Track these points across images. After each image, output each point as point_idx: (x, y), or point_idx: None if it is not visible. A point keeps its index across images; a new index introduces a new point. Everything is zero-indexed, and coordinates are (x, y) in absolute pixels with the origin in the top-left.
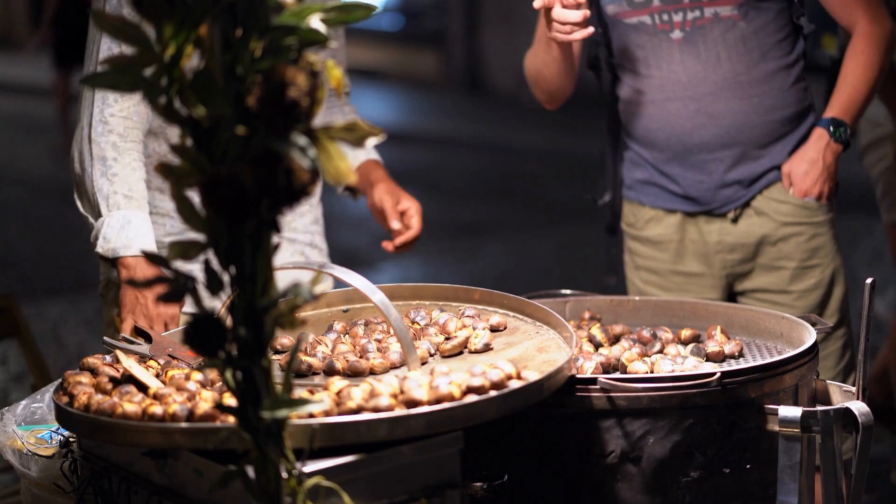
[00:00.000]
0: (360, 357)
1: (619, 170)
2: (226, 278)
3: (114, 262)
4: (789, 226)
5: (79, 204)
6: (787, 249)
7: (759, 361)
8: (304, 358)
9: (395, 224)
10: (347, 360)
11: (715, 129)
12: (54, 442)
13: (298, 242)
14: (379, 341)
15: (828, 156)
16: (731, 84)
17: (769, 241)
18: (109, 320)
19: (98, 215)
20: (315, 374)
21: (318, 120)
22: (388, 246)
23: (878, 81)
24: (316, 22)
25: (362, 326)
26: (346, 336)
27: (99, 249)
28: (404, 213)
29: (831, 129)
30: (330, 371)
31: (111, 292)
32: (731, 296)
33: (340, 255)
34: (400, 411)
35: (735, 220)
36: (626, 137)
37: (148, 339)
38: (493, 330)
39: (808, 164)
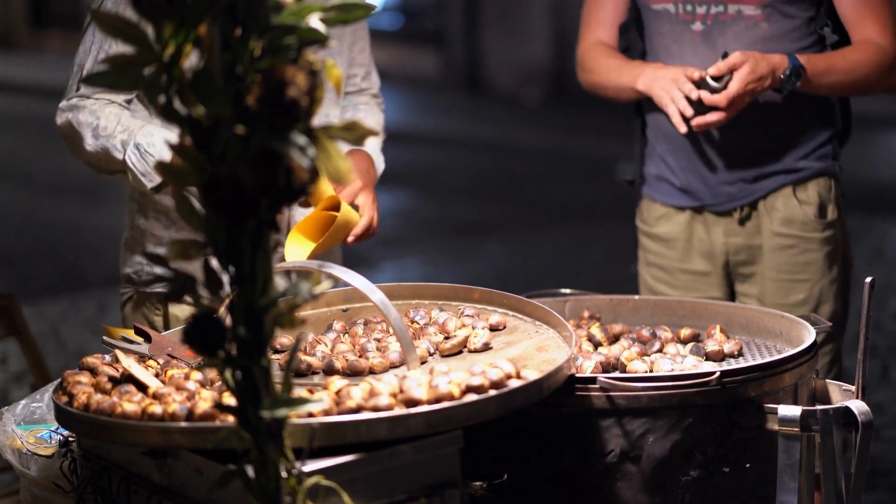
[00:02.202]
0: (360, 356)
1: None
2: (225, 278)
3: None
4: (781, 237)
5: (114, 177)
6: (777, 260)
7: (759, 360)
8: (303, 357)
9: None
10: (347, 360)
11: (726, 126)
12: (54, 441)
13: None
14: (378, 340)
15: (766, 82)
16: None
17: (766, 248)
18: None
19: (123, 164)
20: (314, 373)
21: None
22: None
23: (857, 81)
24: (315, 21)
25: (362, 326)
26: (346, 335)
27: (151, 180)
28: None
29: (788, 72)
30: (329, 370)
31: (129, 305)
32: (733, 296)
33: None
34: (399, 410)
35: (741, 222)
36: (647, 128)
37: (147, 338)
38: (493, 329)
39: (757, 78)
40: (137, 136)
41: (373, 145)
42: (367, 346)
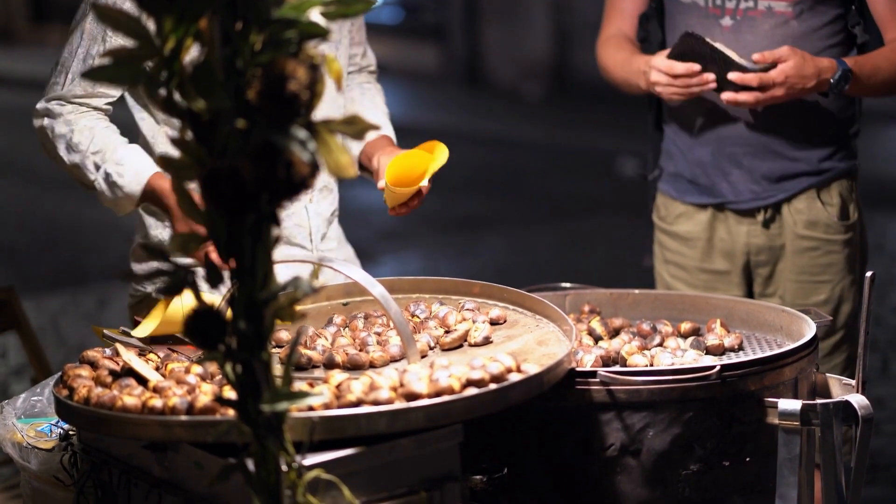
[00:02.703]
0: (360, 350)
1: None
2: (226, 272)
3: (151, 198)
4: (804, 239)
5: (88, 192)
6: (799, 262)
7: (759, 354)
8: (303, 351)
9: (382, 183)
10: (347, 353)
11: (751, 122)
12: (54, 435)
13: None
14: (379, 334)
15: (810, 83)
16: None
17: (789, 250)
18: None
19: (91, 186)
20: (315, 367)
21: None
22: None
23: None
24: (315, 15)
25: (362, 319)
26: (346, 329)
27: (120, 209)
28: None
29: (838, 76)
30: (330, 364)
31: (144, 310)
32: (752, 296)
33: None
34: (400, 404)
35: (766, 224)
36: (664, 122)
37: None
38: (493, 323)
39: (800, 75)
40: (108, 163)
41: (389, 128)
42: (368, 339)
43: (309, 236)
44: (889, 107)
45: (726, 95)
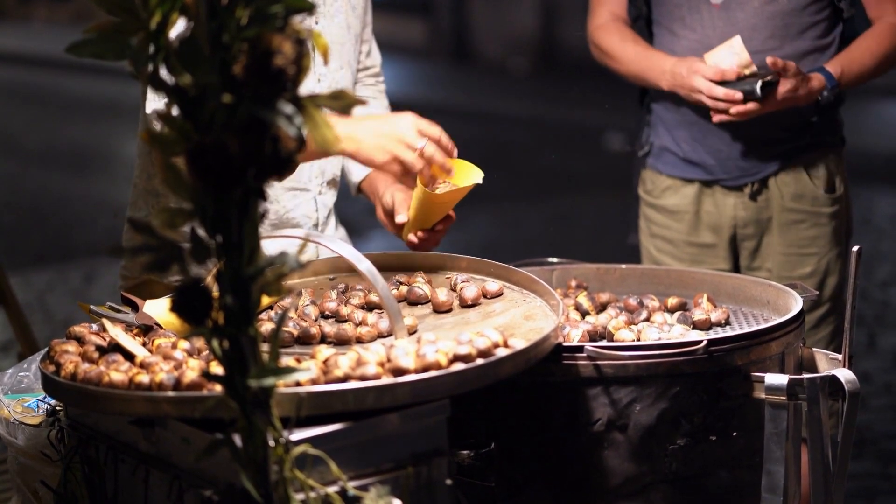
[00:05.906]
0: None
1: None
2: (212, 247)
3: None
4: (791, 212)
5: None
6: (786, 235)
7: (746, 329)
8: (301, 324)
9: (401, 218)
10: (322, 328)
11: None
12: (41, 411)
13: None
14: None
15: (800, 103)
16: (762, 57)
17: (776, 223)
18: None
19: None
20: (307, 342)
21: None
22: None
23: (881, 69)
24: None
25: (334, 291)
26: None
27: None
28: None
29: (827, 91)
30: (306, 337)
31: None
32: (738, 269)
33: None
34: (387, 380)
35: (753, 197)
36: (651, 99)
37: (134, 307)
38: (487, 297)
39: (795, 98)
40: None
41: None
42: (306, 310)
43: (314, 226)
44: (876, 82)
45: (735, 109)
